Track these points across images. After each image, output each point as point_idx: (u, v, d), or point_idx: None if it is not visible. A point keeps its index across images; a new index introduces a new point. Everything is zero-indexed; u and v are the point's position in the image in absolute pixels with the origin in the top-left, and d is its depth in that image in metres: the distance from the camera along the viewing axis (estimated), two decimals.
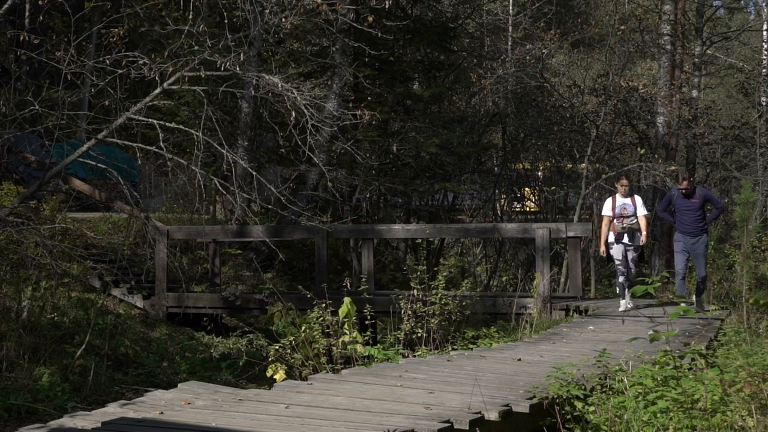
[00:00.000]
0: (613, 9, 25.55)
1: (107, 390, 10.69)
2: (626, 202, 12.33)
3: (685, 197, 12.18)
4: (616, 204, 12.36)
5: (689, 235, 12.16)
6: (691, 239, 12.16)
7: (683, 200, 12.21)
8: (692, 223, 12.14)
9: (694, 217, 12.15)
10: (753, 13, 40.23)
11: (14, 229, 10.77)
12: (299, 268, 19.10)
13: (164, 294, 14.61)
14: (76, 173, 17.97)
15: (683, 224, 12.24)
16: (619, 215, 12.33)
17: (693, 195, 12.19)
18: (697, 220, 12.17)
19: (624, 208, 12.31)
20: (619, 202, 12.37)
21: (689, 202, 12.15)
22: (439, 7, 25.77)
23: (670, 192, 12.84)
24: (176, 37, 12.64)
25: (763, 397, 5.57)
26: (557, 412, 5.93)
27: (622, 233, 12.24)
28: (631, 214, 12.24)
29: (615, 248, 12.32)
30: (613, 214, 12.33)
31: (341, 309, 9.38)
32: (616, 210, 12.33)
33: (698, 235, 12.14)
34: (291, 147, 15.85)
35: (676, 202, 12.37)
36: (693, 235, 12.16)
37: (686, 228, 12.20)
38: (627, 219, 12.23)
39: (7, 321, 10.99)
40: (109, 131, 11.15)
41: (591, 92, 22.24)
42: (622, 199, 12.38)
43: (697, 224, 12.17)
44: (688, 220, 12.19)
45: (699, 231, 12.14)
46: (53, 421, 5.90)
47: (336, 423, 5.18)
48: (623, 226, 12.23)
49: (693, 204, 12.14)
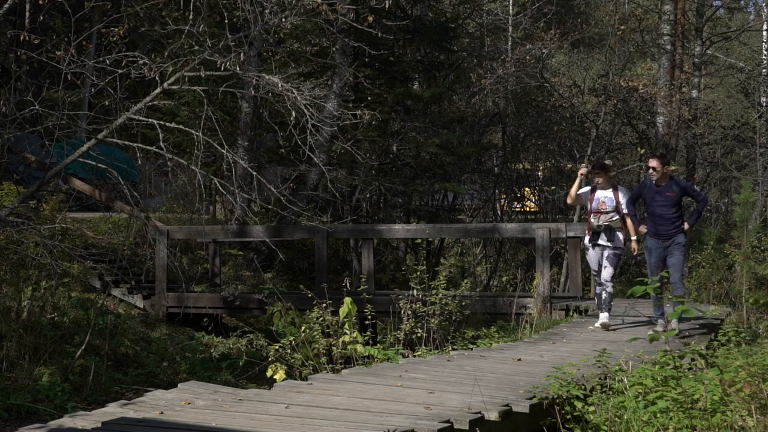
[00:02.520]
0: (613, 9, 25.56)
1: (107, 390, 10.68)
2: (606, 196, 10.44)
3: (658, 190, 9.87)
4: (594, 197, 10.50)
5: (661, 238, 9.85)
6: (663, 241, 9.84)
7: (656, 193, 9.88)
8: (666, 223, 9.83)
9: (669, 215, 9.82)
10: (753, 13, 40.24)
11: (14, 229, 10.77)
12: (299, 268, 19.10)
13: (164, 294, 14.61)
14: (76, 173, 17.97)
15: (654, 224, 9.92)
16: (597, 210, 10.47)
17: (669, 188, 9.85)
18: (672, 219, 9.82)
19: (602, 203, 10.43)
20: (598, 195, 10.49)
21: (664, 197, 9.81)
22: (439, 7, 25.78)
23: (642, 182, 10.59)
24: (176, 37, 12.65)
25: (763, 397, 5.57)
26: (557, 412, 5.93)
27: (598, 232, 10.41)
28: (611, 209, 10.37)
29: (590, 254, 10.57)
30: (589, 208, 10.55)
31: (341, 309, 9.38)
32: (593, 204, 10.47)
33: (672, 236, 9.81)
34: (291, 147, 15.87)
35: (647, 196, 10.00)
36: (665, 237, 9.82)
37: (658, 229, 9.88)
38: (605, 215, 10.40)
39: (7, 321, 10.98)
40: (109, 131, 11.15)
41: (591, 92, 22.25)
42: (601, 192, 10.49)
43: (672, 224, 9.84)
44: (660, 218, 9.87)
45: (673, 232, 9.82)
46: (53, 421, 5.90)
47: (336, 423, 5.18)
48: (599, 224, 10.40)
49: (668, 199, 9.79)
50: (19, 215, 11.33)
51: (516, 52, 22.65)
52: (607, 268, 10.39)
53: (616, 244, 10.37)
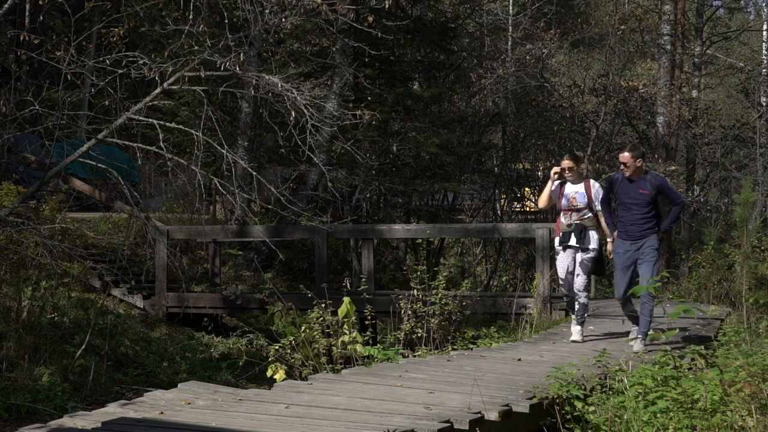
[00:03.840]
0: (613, 9, 25.57)
1: (107, 390, 10.68)
2: (577, 191, 9.09)
3: (630, 186, 8.63)
4: (563, 193, 9.15)
5: (631, 239, 8.61)
6: (633, 244, 8.60)
7: (627, 190, 8.64)
8: (637, 223, 8.58)
9: (641, 215, 8.58)
10: (753, 13, 40.24)
11: (14, 229, 10.77)
12: (299, 268, 19.11)
13: (164, 294, 14.61)
14: (76, 173, 17.98)
15: (624, 224, 8.67)
16: (567, 208, 9.10)
17: (643, 184, 8.58)
18: (644, 219, 8.58)
19: (573, 199, 9.06)
20: (568, 190, 9.13)
21: (635, 194, 8.59)
22: (439, 7, 25.79)
23: (613, 177, 9.05)
24: (176, 37, 12.65)
25: (763, 397, 5.57)
26: (557, 412, 5.93)
27: (569, 233, 9.06)
28: (582, 206, 9.02)
29: (560, 258, 9.20)
30: (559, 205, 9.21)
31: (341, 309, 9.37)
32: (562, 201, 9.12)
33: (643, 238, 8.56)
34: (291, 147, 15.86)
35: (618, 192, 8.74)
36: (635, 239, 8.58)
37: (628, 230, 8.63)
38: (577, 213, 9.05)
39: (7, 321, 10.99)
40: (109, 131, 11.16)
41: (591, 92, 22.26)
42: (571, 187, 9.13)
43: (644, 225, 8.58)
44: (631, 217, 8.61)
45: (645, 233, 8.57)
46: (53, 421, 5.90)
47: (336, 423, 5.18)
48: (569, 223, 9.05)
49: (640, 196, 8.57)
50: (19, 215, 11.34)
51: (516, 52, 22.65)
52: (579, 276, 9.04)
53: (589, 246, 9.00)
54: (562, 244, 9.09)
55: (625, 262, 8.61)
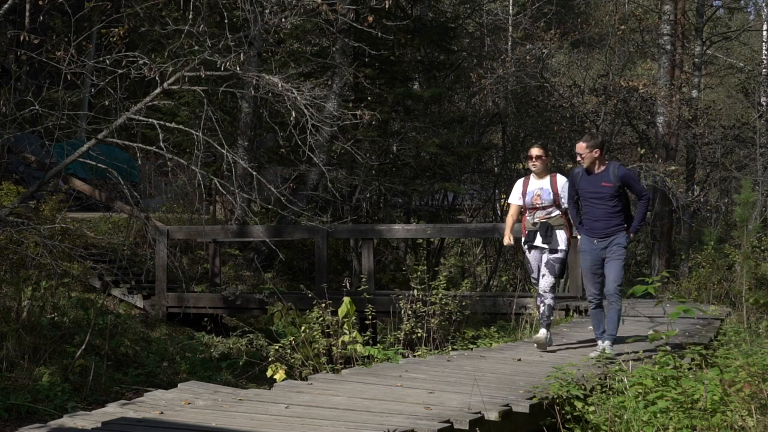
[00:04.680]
0: (613, 9, 25.58)
1: (107, 390, 10.68)
2: (542, 186, 8.42)
3: (591, 178, 7.99)
4: (527, 188, 8.50)
5: (596, 237, 8.00)
6: (599, 241, 7.99)
7: (589, 183, 8.00)
8: (602, 219, 7.95)
9: (606, 210, 7.94)
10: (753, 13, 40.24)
11: (14, 229, 10.77)
12: (299, 268, 19.11)
13: (164, 294, 14.61)
14: (76, 173, 17.98)
15: (589, 220, 8.05)
16: (531, 205, 8.45)
17: (605, 176, 7.94)
18: (609, 214, 7.94)
19: (537, 195, 8.41)
20: (531, 186, 8.48)
21: (597, 187, 7.95)
22: (439, 7, 25.80)
23: (574, 171, 8.25)
24: (176, 37, 12.65)
25: (763, 397, 5.57)
26: (557, 412, 5.93)
27: (534, 232, 8.40)
28: (548, 203, 8.36)
29: (529, 256, 8.58)
30: (523, 201, 8.54)
31: (341, 309, 9.38)
32: (526, 198, 8.47)
33: (609, 236, 7.96)
34: (291, 147, 15.88)
35: (580, 187, 8.06)
36: (601, 237, 7.97)
37: (593, 227, 8.01)
38: (542, 211, 8.38)
39: (7, 321, 10.98)
40: (109, 131, 11.17)
41: (591, 92, 22.26)
42: (536, 182, 8.47)
43: (609, 220, 7.96)
44: (596, 213, 7.98)
45: (611, 230, 7.96)
46: (53, 421, 5.90)
47: (336, 423, 5.18)
48: (534, 222, 8.39)
49: (603, 189, 7.92)
50: (19, 215, 11.34)
51: (516, 52, 22.64)
52: (545, 277, 8.43)
53: (555, 247, 8.36)
54: (527, 244, 8.46)
55: (593, 263, 8.01)
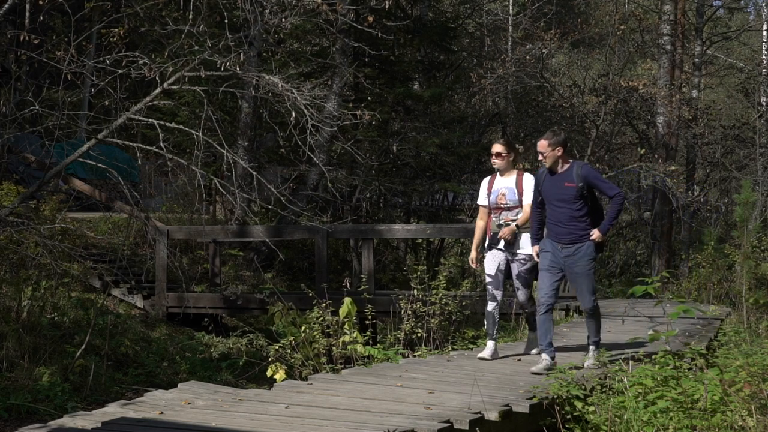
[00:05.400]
0: (613, 9, 25.59)
1: (107, 390, 10.68)
2: (507, 186, 7.81)
3: (554, 178, 7.38)
4: (492, 188, 7.90)
5: (560, 243, 7.35)
6: (564, 248, 7.33)
7: (552, 184, 7.38)
8: (566, 223, 7.31)
9: (570, 213, 7.29)
10: (753, 13, 40.25)
11: (14, 229, 10.77)
12: (299, 268, 19.11)
13: (164, 294, 14.61)
14: (76, 173, 17.98)
15: (552, 224, 7.42)
16: (496, 205, 7.85)
17: (568, 176, 7.32)
18: (574, 219, 7.30)
19: (501, 195, 7.81)
20: (497, 185, 7.87)
21: (560, 188, 7.32)
22: (439, 7, 25.80)
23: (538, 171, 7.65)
24: (176, 37, 12.65)
25: (763, 397, 5.57)
26: (557, 412, 5.93)
27: (498, 234, 7.83)
28: (513, 204, 7.75)
29: (488, 257, 7.93)
30: (488, 201, 7.92)
31: (341, 309, 9.38)
32: (491, 198, 7.87)
33: (574, 243, 7.30)
34: (291, 147, 15.89)
35: (543, 188, 7.44)
36: (566, 243, 7.32)
37: (556, 231, 7.36)
38: (507, 212, 7.79)
39: (7, 321, 10.98)
40: (109, 131, 11.17)
41: (591, 92, 22.26)
42: (501, 181, 7.86)
43: (574, 225, 7.30)
44: (558, 216, 7.35)
45: (576, 236, 7.30)
46: (53, 421, 5.90)
47: (336, 423, 5.18)
48: (499, 223, 7.81)
49: (566, 190, 7.29)
50: (19, 215, 11.34)
51: (516, 52, 22.65)
52: (521, 291, 7.93)
53: (521, 252, 7.73)
54: (490, 247, 7.88)
55: (551, 264, 7.35)
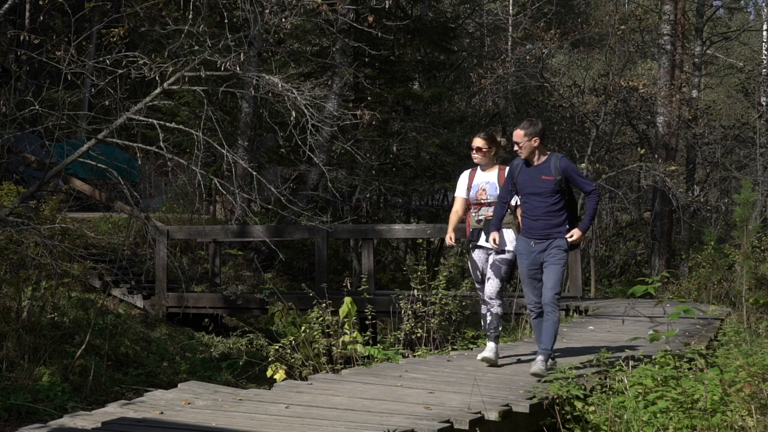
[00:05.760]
0: (613, 9, 25.58)
1: (107, 390, 10.68)
2: (488, 180, 7.51)
3: (530, 170, 7.02)
4: (473, 181, 7.60)
5: (534, 238, 6.99)
6: (537, 243, 6.98)
7: (528, 177, 7.02)
8: (542, 218, 6.95)
9: (546, 207, 6.94)
10: (753, 13, 40.25)
11: (14, 229, 10.77)
12: (299, 268, 19.11)
13: (164, 294, 14.61)
14: (76, 173, 17.98)
15: (527, 219, 7.06)
16: (476, 200, 7.54)
17: (546, 168, 6.97)
18: (550, 213, 6.94)
19: (482, 190, 7.51)
20: (477, 180, 7.58)
21: (537, 180, 6.96)
22: (439, 7, 25.80)
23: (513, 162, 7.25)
24: (176, 37, 12.65)
25: (763, 397, 5.57)
26: (557, 412, 5.93)
27: (478, 230, 7.49)
28: (494, 199, 7.38)
29: (471, 260, 7.68)
30: (467, 196, 7.63)
31: (341, 309, 9.38)
32: (471, 193, 7.58)
33: (549, 238, 6.95)
34: (291, 147, 15.88)
35: (518, 180, 7.08)
36: (539, 238, 6.97)
37: (531, 227, 7.01)
38: (487, 207, 7.45)
39: (7, 321, 10.98)
40: (109, 131, 11.16)
41: (591, 92, 22.26)
42: (481, 176, 7.57)
43: (549, 219, 6.95)
44: (534, 211, 6.98)
45: (551, 231, 6.95)
46: (53, 421, 5.90)
47: (336, 423, 5.18)
48: (479, 219, 7.48)
49: (543, 183, 6.94)
50: (19, 215, 11.33)
51: (516, 52, 22.62)
52: (491, 281, 7.45)
53: (502, 247, 7.32)
54: (470, 243, 7.56)
55: (531, 267, 7.00)
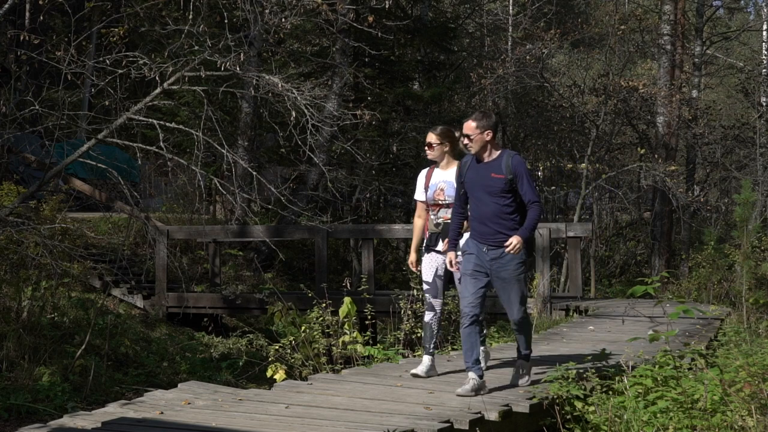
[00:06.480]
0: (613, 9, 25.59)
1: (107, 390, 10.68)
2: (446, 180, 6.84)
3: (479, 167, 6.31)
4: (430, 181, 6.96)
5: (486, 243, 6.26)
6: (490, 250, 6.25)
7: (477, 174, 6.31)
8: (492, 221, 6.23)
9: (496, 209, 6.23)
10: (753, 13, 40.25)
11: (14, 229, 10.77)
12: (299, 268, 19.11)
13: (164, 294, 14.61)
14: (76, 173, 17.98)
15: (476, 221, 6.33)
16: (433, 201, 6.89)
17: (497, 165, 6.25)
18: (501, 216, 6.22)
19: (440, 191, 6.86)
20: (435, 179, 6.93)
21: (488, 179, 6.24)
22: (439, 7, 25.80)
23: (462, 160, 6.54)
24: (176, 37, 12.65)
25: (763, 397, 5.57)
26: (557, 412, 5.93)
27: (436, 234, 6.86)
28: (453, 200, 6.63)
29: (425, 261, 6.97)
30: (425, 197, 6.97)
31: (341, 309, 9.37)
32: (428, 193, 6.93)
33: (500, 246, 6.20)
34: (291, 147, 15.89)
35: (467, 178, 6.37)
36: (492, 244, 6.23)
37: (480, 230, 6.28)
38: (446, 209, 6.79)
39: (7, 321, 10.98)
40: (109, 131, 11.17)
41: (591, 92, 22.26)
42: (439, 174, 6.92)
43: (501, 223, 6.23)
44: (483, 212, 6.27)
45: (504, 237, 6.19)
46: (53, 421, 5.90)
47: (336, 423, 5.18)
48: (437, 222, 6.87)
49: (494, 183, 6.22)
50: (19, 215, 11.34)
51: (516, 52, 22.63)
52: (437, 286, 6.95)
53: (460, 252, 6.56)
54: (427, 248, 6.95)
55: (476, 269, 6.27)
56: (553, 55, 26.70)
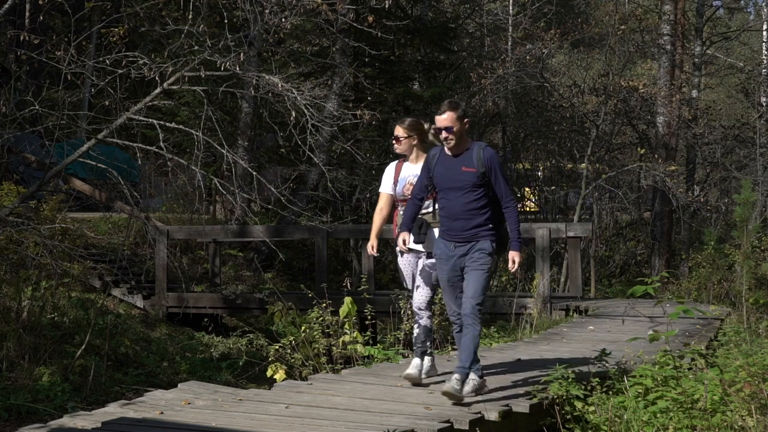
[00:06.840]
0: (613, 9, 25.59)
1: (107, 390, 10.68)
2: (417, 173, 6.42)
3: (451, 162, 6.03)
4: (399, 174, 6.66)
5: (454, 241, 6.02)
6: (457, 246, 6.01)
7: (447, 168, 6.04)
8: (461, 217, 5.98)
9: (467, 204, 5.97)
10: (753, 13, 40.26)
11: (14, 229, 10.77)
12: (299, 268, 19.11)
13: (164, 294, 14.61)
14: (76, 173, 17.98)
15: (446, 218, 6.08)
16: (402, 196, 6.59)
17: (468, 159, 5.98)
18: (471, 212, 5.96)
19: (411, 184, 6.49)
20: (404, 173, 6.63)
21: (458, 173, 5.97)
22: (439, 7, 25.80)
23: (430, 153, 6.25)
24: (176, 37, 12.66)
25: (763, 397, 5.57)
26: (557, 412, 5.93)
27: None
28: None
29: (401, 265, 6.76)
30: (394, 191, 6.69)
31: (341, 309, 9.36)
32: (397, 188, 6.64)
33: (470, 241, 5.98)
34: (291, 147, 15.88)
35: (435, 173, 6.09)
36: (460, 241, 6.00)
37: (450, 226, 6.04)
38: None
39: (7, 321, 10.98)
40: (109, 131, 11.17)
41: (591, 92, 22.26)
42: (409, 168, 6.61)
43: (470, 219, 5.98)
44: (453, 208, 6.01)
45: (473, 233, 5.98)
46: (53, 421, 5.91)
47: (336, 423, 5.19)
48: None
49: (465, 177, 5.96)
50: (19, 215, 11.34)
51: (516, 52, 22.63)
52: (420, 289, 6.54)
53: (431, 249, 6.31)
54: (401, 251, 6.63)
55: (451, 273, 6.04)
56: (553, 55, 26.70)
